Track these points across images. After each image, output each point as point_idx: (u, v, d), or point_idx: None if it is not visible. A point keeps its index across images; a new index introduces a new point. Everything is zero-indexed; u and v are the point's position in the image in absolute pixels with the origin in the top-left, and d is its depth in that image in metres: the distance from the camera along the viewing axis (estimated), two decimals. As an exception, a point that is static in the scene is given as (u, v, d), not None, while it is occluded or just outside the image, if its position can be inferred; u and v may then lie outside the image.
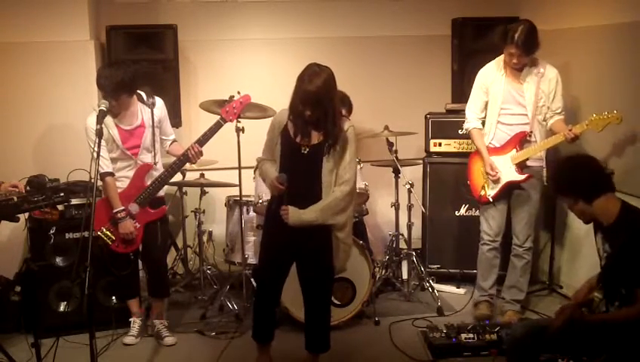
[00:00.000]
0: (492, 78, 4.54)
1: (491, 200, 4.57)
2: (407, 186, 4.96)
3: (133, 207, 4.21)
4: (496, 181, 4.51)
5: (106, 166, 4.14)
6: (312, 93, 3.42)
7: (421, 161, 5.45)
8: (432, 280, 5.12)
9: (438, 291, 5.02)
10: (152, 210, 4.28)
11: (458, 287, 5.26)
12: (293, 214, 3.57)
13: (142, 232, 4.26)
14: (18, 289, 4.57)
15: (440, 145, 5.37)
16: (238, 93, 4.27)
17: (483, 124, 4.63)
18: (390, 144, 5.01)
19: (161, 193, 4.39)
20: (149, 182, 4.25)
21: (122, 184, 4.25)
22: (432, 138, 5.40)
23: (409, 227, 5.22)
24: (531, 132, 4.45)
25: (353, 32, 5.80)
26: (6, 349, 3.88)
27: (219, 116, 4.26)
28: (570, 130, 4.25)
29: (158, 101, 4.34)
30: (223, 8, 5.64)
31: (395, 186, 5.15)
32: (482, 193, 4.59)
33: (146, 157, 4.28)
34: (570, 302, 3.41)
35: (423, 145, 5.49)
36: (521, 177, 4.48)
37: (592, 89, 4.79)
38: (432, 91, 5.53)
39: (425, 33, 5.83)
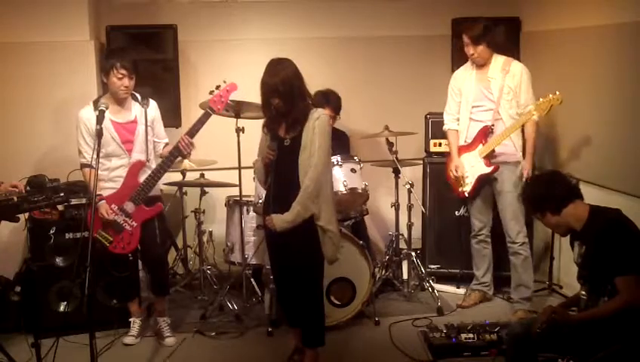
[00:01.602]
0: (463, 79, 4.76)
1: (467, 195, 4.76)
2: (407, 186, 4.96)
3: (129, 206, 4.19)
4: (463, 178, 4.72)
5: (89, 156, 4.10)
6: (272, 85, 3.59)
7: (421, 161, 5.45)
8: (432, 280, 5.11)
9: (438, 291, 5.01)
10: (147, 207, 4.26)
11: (458, 287, 5.26)
12: (277, 220, 3.67)
13: (139, 231, 4.25)
14: (18, 289, 4.58)
15: (440, 145, 5.36)
16: (224, 82, 4.26)
17: None
18: (390, 144, 5.01)
19: (157, 192, 4.38)
20: (142, 179, 4.25)
21: (117, 184, 4.24)
22: (432, 138, 5.40)
23: (409, 227, 5.21)
24: (493, 125, 4.59)
25: (353, 32, 5.79)
26: (6, 349, 3.88)
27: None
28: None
29: (152, 103, 4.37)
30: (223, 8, 5.64)
31: (395, 186, 5.15)
32: (460, 189, 4.78)
33: (140, 157, 4.27)
34: (552, 304, 3.43)
35: (423, 145, 5.49)
36: (489, 169, 4.65)
37: (590, 88, 4.78)
38: (432, 91, 5.51)
39: (425, 33, 5.82)
